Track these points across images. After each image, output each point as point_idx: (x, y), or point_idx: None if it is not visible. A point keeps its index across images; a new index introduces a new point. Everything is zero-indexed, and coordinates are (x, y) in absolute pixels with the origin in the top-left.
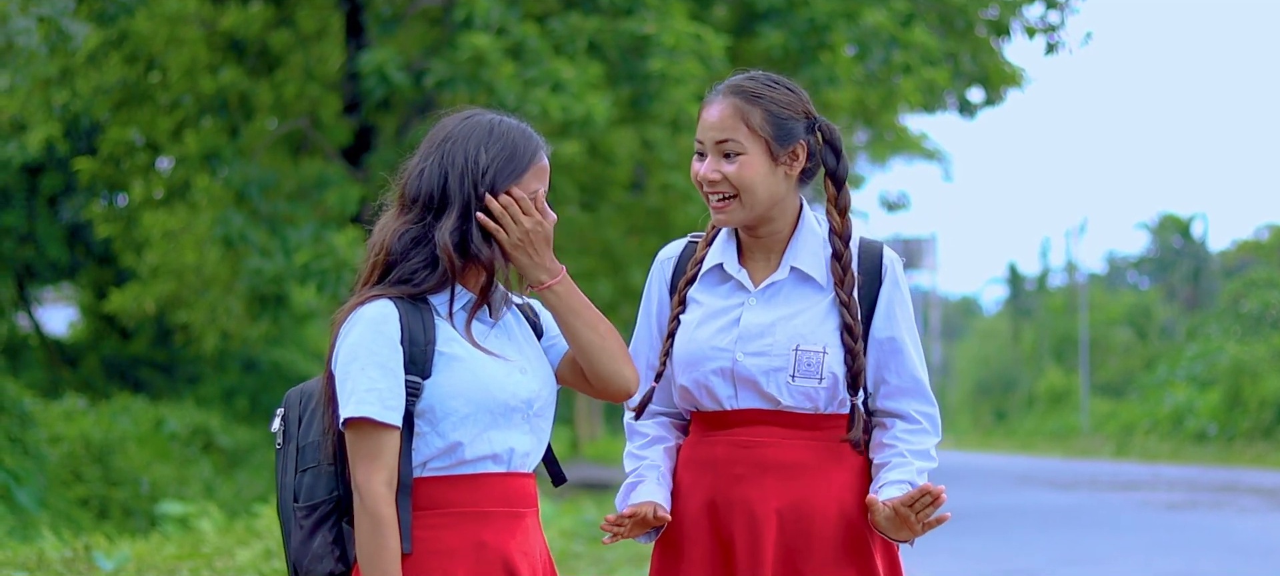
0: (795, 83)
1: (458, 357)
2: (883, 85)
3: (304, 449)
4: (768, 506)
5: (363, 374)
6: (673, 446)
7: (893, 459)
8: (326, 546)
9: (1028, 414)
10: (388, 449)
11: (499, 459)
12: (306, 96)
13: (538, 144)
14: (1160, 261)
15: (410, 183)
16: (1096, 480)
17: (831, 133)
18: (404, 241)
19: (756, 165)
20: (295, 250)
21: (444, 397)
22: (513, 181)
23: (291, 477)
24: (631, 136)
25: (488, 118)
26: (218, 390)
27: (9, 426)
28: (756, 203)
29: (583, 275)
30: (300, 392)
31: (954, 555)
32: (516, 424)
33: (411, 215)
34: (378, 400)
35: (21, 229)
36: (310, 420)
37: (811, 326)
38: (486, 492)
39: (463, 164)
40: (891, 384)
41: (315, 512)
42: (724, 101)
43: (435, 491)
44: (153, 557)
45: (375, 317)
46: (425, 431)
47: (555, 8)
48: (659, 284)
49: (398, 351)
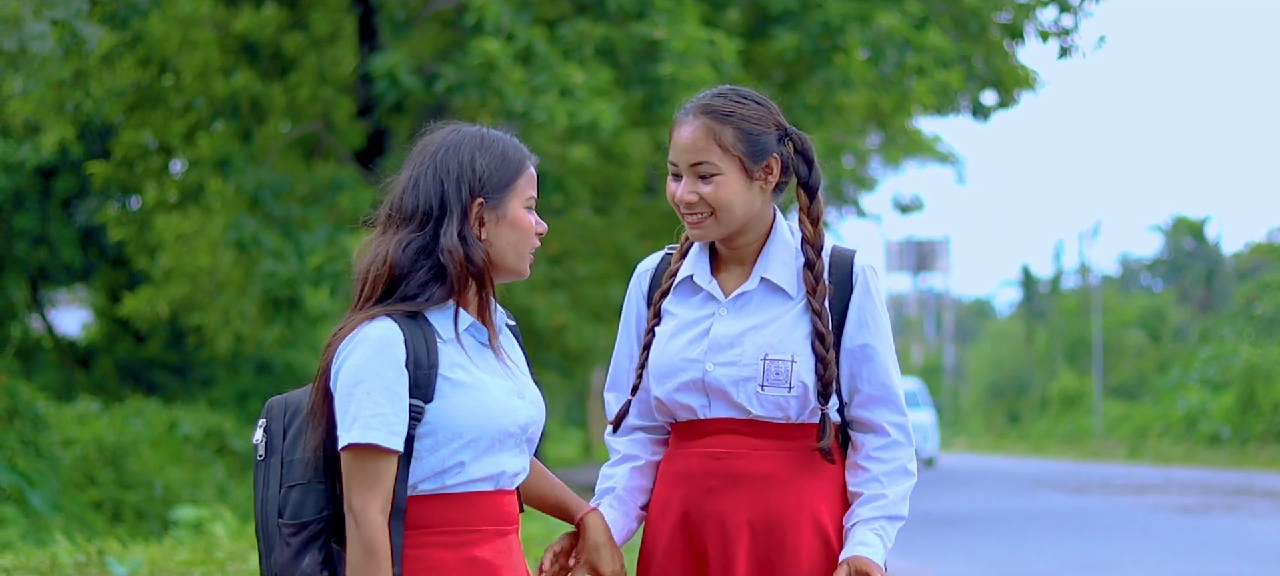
0: (763, 94)
1: (461, 383)
2: (896, 88)
3: (290, 464)
4: (739, 518)
5: (369, 398)
6: (644, 464)
7: (865, 488)
8: (316, 566)
9: (1040, 416)
10: (387, 475)
11: (490, 479)
12: (320, 100)
13: (526, 153)
14: (1173, 264)
15: (405, 197)
16: (1109, 483)
17: (803, 143)
18: (409, 253)
19: (732, 184)
20: (309, 253)
21: (446, 422)
22: (507, 187)
23: (275, 492)
24: (644, 139)
25: (474, 129)
26: (231, 393)
27: (22, 429)
28: (733, 220)
29: (596, 278)
30: (284, 403)
31: (966, 558)
32: (510, 447)
33: (410, 227)
34: (383, 426)
35: (35, 231)
36: (297, 434)
37: (780, 335)
38: (477, 511)
39: (458, 171)
40: (863, 392)
41: (304, 531)
42: (695, 122)
43: (427, 510)
44: (166, 562)
45: (381, 339)
46: (423, 454)
47: (566, 12)
48: (636, 297)
49: (403, 375)
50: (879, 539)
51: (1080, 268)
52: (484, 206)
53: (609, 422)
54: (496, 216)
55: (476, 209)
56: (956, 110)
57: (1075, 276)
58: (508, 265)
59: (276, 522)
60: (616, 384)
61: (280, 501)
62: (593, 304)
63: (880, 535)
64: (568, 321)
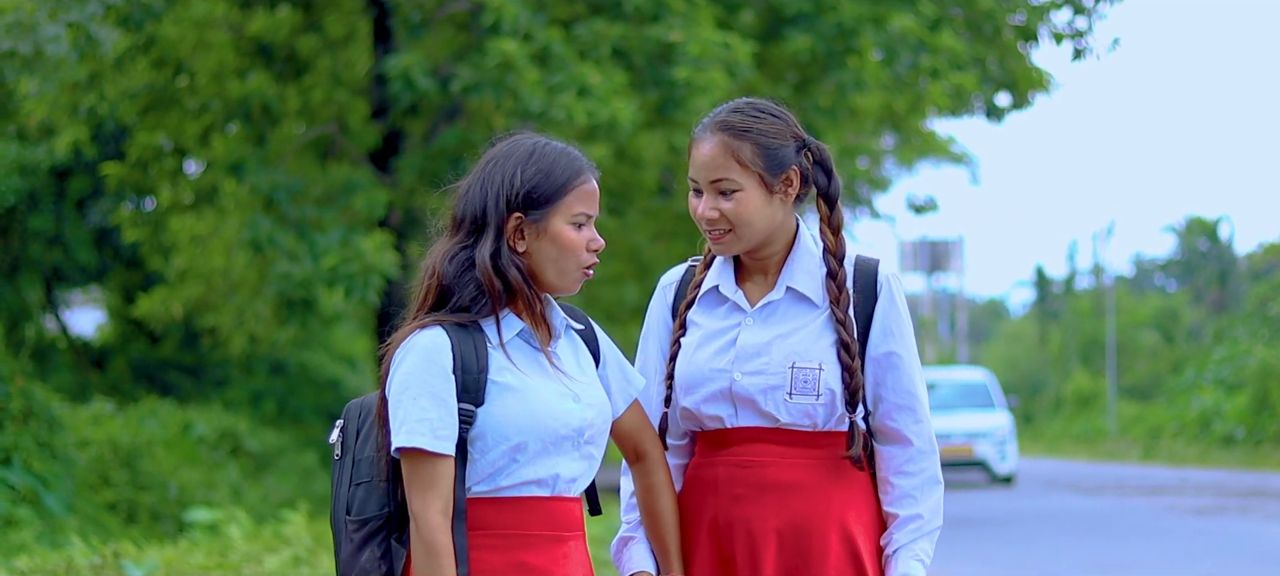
0: (780, 106)
1: (510, 387)
2: (910, 90)
3: (359, 463)
4: (766, 526)
5: (414, 403)
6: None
7: (899, 508)
8: (375, 561)
9: (1054, 417)
10: (442, 477)
11: (543, 483)
12: (334, 101)
13: (581, 167)
14: (1187, 264)
15: (459, 203)
16: (1123, 484)
17: (821, 153)
18: (455, 265)
19: (752, 199)
20: (323, 254)
21: (496, 426)
22: (550, 203)
23: (345, 490)
24: (659, 141)
25: (532, 140)
26: (246, 394)
27: (37, 430)
28: (754, 234)
29: (610, 280)
30: (361, 405)
31: (981, 560)
32: (566, 451)
33: (459, 237)
34: (429, 430)
35: (50, 232)
36: (367, 434)
37: (806, 344)
38: (530, 515)
39: (500, 184)
40: (888, 401)
41: (366, 527)
42: (713, 139)
43: (478, 513)
44: (181, 564)
45: (428, 347)
46: (476, 458)
47: (581, 13)
48: (661, 308)
49: (450, 380)
50: (920, 563)
51: (1094, 268)
52: (522, 221)
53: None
54: (537, 231)
55: (515, 223)
56: (970, 111)
57: (1089, 277)
58: (547, 280)
59: (343, 519)
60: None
61: (349, 499)
62: (607, 305)
63: (921, 558)
64: None
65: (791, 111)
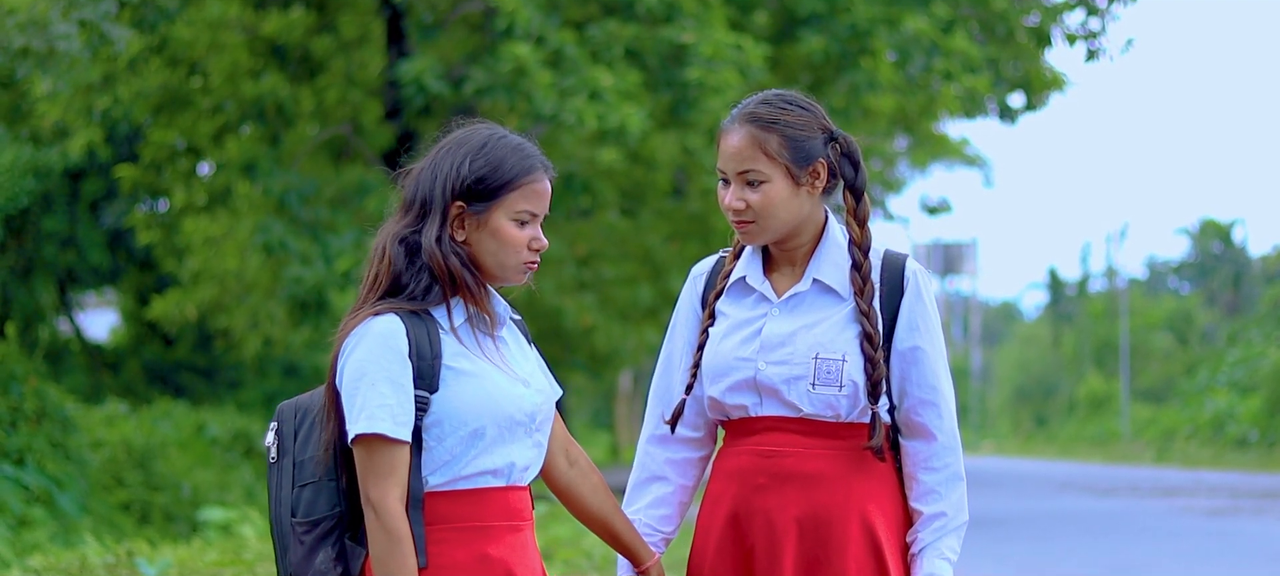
0: (810, 99)
1: (466, 372)
2: (923, 91)
3: (301, 464)
4: (787, 515)
5: (373, 389)
6: (669, 492)
7: (925, 505)
8: (330, 562)
9: (1068, 419)
10: (401, 465)
11: (499, 473)
12: (348, 102)
13: (534, 165)
14: (1200, 266)
15: (411, 185)
16: (1137, 486)
17: (849, 145)
18: (402, 251)
19: (779, 190)
20: (336, 257)
21: (454, 411)
22: (495, 199)
23: (289, 493)
24: (672, 142)
25: (489, 131)
26: (259, 395)
27: (51, 431)
28: (781, 225)
29: (623, 280)
30: (294, 406)
31: (994, 561)
32: (519, 437)
33: (407, 220)
34: (389, 416)
35: (63, 234)
36: (308, 434)
37: (831, 335)
38: (488, 506)
39: (448, 171)
40: (913, 395)
41: (317, 528)
42: (741, 130)
43: (438, 506)
44: (195, 563)
45: (384, 332)
46: (432, 445)
47: (594, 14)
48: (691, 297)
49: (407, 366)
50: (947, 562)
51: (1107, 270)
52: (465, 211)
53: (660, 421)
54: (478, 222)
55: (456, 211)
56: (984, 113)
57: (1102, 279)
58: (489, 272)
59: (289, 522)
60: (663, 383)
61: (293, 501)
62: (621, 305)
63: (947, 556)
64: (596, 323)
65: None
